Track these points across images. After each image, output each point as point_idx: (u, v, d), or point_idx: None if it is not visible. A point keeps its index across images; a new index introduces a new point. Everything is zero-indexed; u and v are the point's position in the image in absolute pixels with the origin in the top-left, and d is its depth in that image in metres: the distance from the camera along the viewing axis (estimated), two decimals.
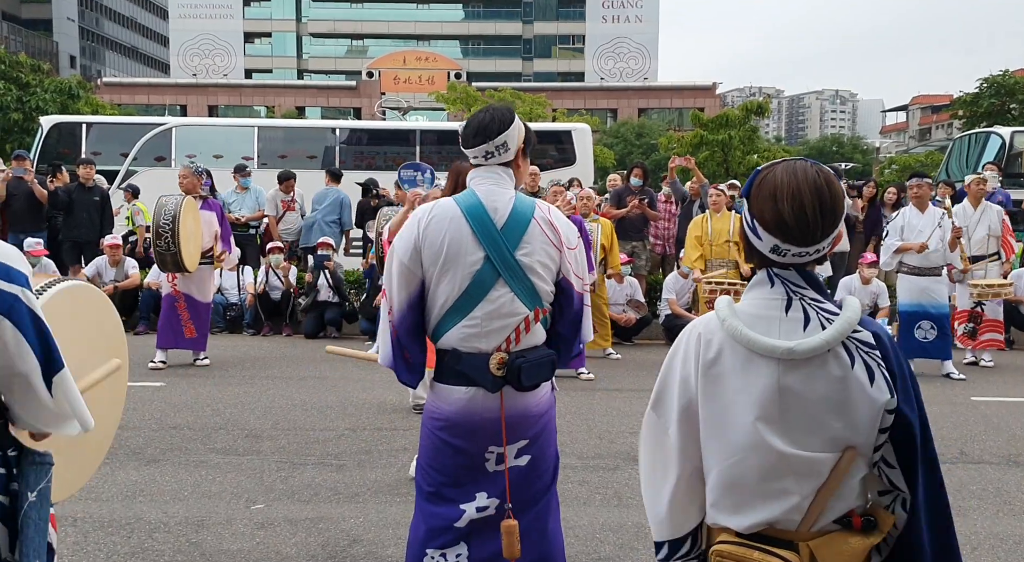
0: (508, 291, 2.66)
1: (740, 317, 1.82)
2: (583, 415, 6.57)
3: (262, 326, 10.36)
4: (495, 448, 2.73)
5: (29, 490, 1.91)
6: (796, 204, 1.76)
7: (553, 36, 67.44)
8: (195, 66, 62.03)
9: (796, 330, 1.78)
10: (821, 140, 72.89)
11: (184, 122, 17.79)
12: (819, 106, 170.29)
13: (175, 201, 7.82)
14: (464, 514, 2.73)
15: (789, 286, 1.82)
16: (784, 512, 1.79)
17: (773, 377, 1.77)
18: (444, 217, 2.68)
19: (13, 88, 28.25)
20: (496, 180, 2.75)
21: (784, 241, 1.79)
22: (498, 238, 2.65)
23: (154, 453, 5.43)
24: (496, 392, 2.67)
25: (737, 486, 1.82)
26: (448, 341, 2.70)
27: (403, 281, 2.70)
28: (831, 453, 1.78)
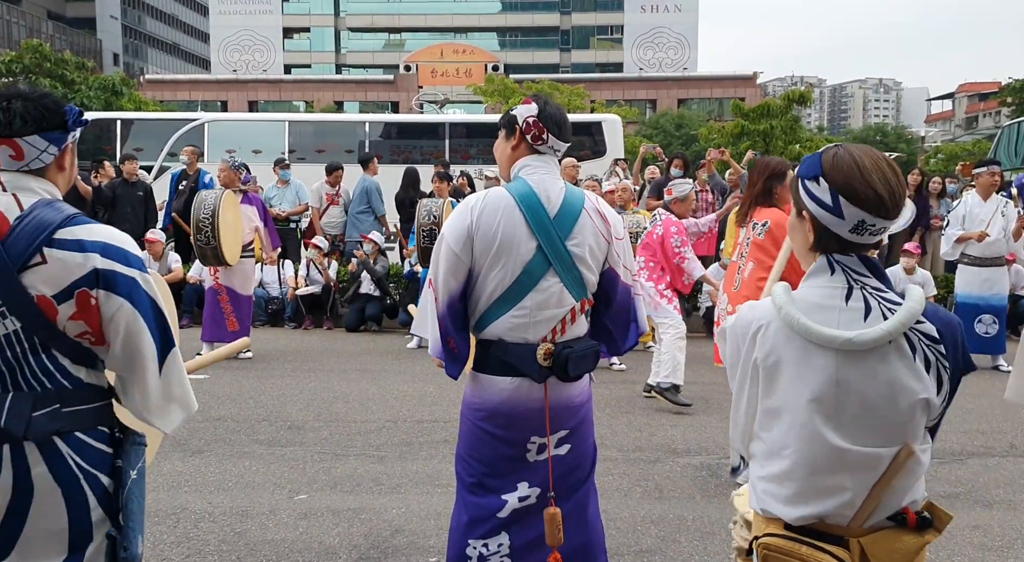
0: (558, 281, 2.65)
1: (798, 305, 1.75)
2: (623, 408, 6.53)
3: (303, 320, 10.46)
4: (537, 438, 2.73)
5: (131, 468, 2.04)
6: (883, 176, 1.73)
7: (591, 27, 67.09)
8: (235, 62, 62.79)
9: (856, 320, 1.72)
10: (865, 129, 71.66)
11: (216, 118, 18.06)
12: (862, 95, 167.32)
13: (214, 195, 7.92)
14: (507, 504, 2.74)
15: (850, 273, 1.76)
16: (836, 507, 1.75)
17: (831, 369, 1.72)
18: (497, 205, 2.65)
19: (58, 85, 28.88)
20: (548, 170, 2.74)
21: (874, 214, 1.73)
22: (551, 228, 2.64)
23: (199, 444, 5.51)
24: (542, 382, 2.66)
25: (791, 477, 1.78)
26: (494, 331, 2.68)
27: (452, 270, 2.67)
28: (888, 448, 1.73)
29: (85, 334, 1.97)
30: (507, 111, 2.82)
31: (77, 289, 1.93)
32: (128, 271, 1.98)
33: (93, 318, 1.96)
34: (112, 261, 1.96)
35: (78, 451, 1.97)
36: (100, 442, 2.01)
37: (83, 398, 2.00)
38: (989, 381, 7.61)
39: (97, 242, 1.96)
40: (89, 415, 2.00)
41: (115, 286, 1.96)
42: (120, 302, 1.96)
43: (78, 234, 1.96)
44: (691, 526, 4.20)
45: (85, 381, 2.01)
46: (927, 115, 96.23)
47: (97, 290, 1.94)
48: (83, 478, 1.98)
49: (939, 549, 3.93)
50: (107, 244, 1.98)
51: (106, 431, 2.03)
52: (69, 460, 1.96)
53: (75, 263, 1.93)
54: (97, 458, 2.00)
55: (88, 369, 2.01)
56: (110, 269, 1.95)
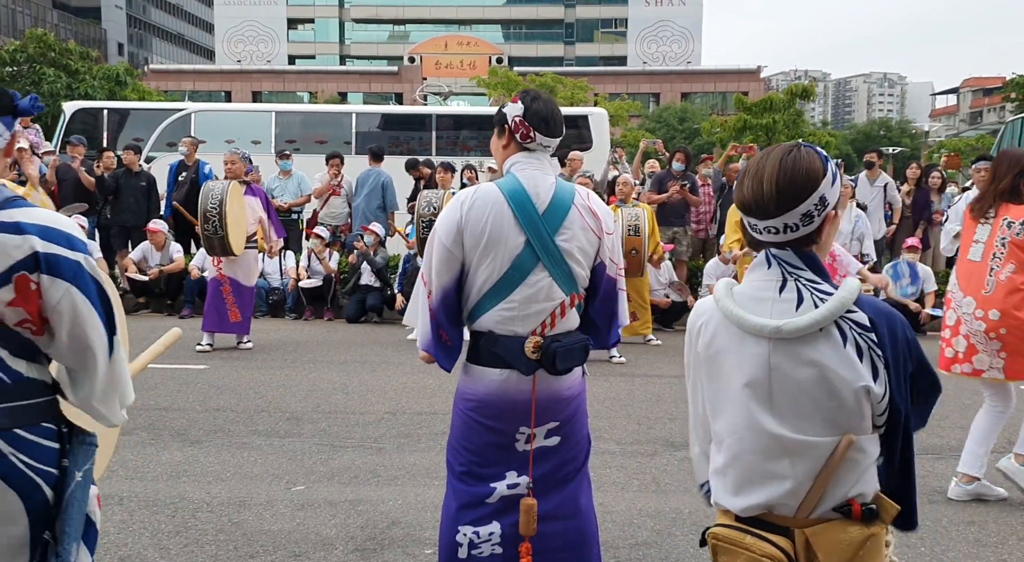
0: (547, 276, 2.68)
1: (735, 298, 1.86)
2: (622, 401, 6.55)
3: (304, 311, 10.48)
4: (525, 429, 2.77)
5: (77, 469, 1.92)
6: (756, 179, 1.83)
7: (595, 20, 66.96)
8: (239, 53, 62.74)
9: (789, 310, 1.79)
10: (868, 124, 71.39)
11: (202, 108, 18.03)
12: (866, 89, 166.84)
13: (221, 186, 7.94)
14: (495, 491, 2.78)
15: (785, 267, 1.84)
16: (780, 496, 1.80)
17: (763, 356, 1.79)
18: (487, 200, 2.69)
19: (63, 75, 28.83)
20: (539, 166, 2.76)
21: (748, 215, 1.85)
22: (539, 223, 2.67)
23: (198, 434, 5.53)
24: (530, 375, 2.70)
25: (735, 466, 1.85)
26: (484, 323, 2.73)
27: (444, 264, 2.71)
28: (828, 437, 1.77)
29: (25, 322, 1.85)
30: (499, 109, 2.84)
31: (15, 273, 1.81)
32: (72, 254, 1.87)
33: (33, 305, 1.84)
34: (54, 244, 1.85)
35: (22, 449, 1.84)
36: (46, 439, 1.88)
37: (24, 393, 1.86)
38: None
39: (36, 225, 1.85)
40: (31, 411, 1.87)
41: (59, 270, 1.84)
42: (65, 287, 1.85)
43: (15, 216, 1.84)
44: (687, 520, 4.21)
45: (25, 375, 1.87)
46: (931, 110, 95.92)
47: (39, 275, 1.83)
48: (34, 475, 1.85)
49: (934, 545, 3.95)
50: (47, 226, 1.86)
51: (52, 428, 1.90)
52: (12, 459, 1.82)
53: (12, 245, 1.81)
54: (44, 455, 1.87)
55: (28, 362, 1.89)
56: (52, 253, 1.84)
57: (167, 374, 6.99)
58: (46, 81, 28.13)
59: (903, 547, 3.81)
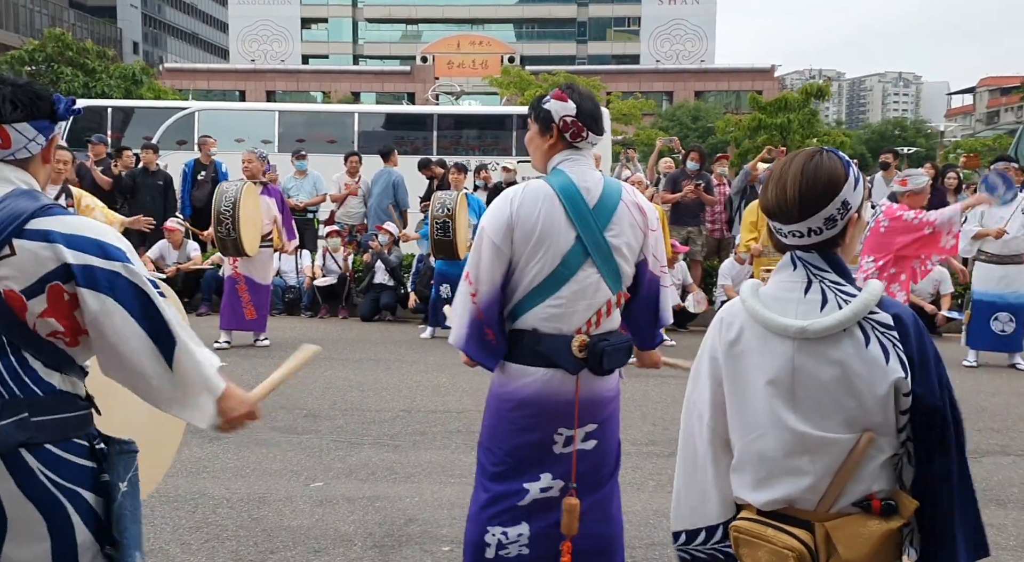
0: (595, 272, 2.67)
1: (761, 299, 1.90)
2: (637, 401, 6.56)
3: (319, 309, 10.54)
4: (565, 430, 2.73)
5: (120, 480, 1.89)
6: (780, 184, 1.88)
7: (608, 18, 66.84)
8: (253, 52, 62.97)
9: (813, 311, 1.84)
10: (883, 124, 71.04)
11: (206, 106, 18.15)
12: (881, 89, 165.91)
13: (235, 187, 7.99)
14: (528, 494, 2.75)
15: (810, 269, 1.88)
16: (801, 491, 1.83)
17: (787, 356, 1.84)
18: (537, 196, 2.67)
19: (80, 74, 29.05)
20: (585, 163, 2.76)
21: (773, 220, 1.90)
22: (590, 219, 2.66)
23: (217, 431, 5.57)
24: (575, 375, 2.67)
25: (757, 462, 1.88)
26: (529, 321, 2.69)
27: (495, 261, 2.68)
28: (848, 434, 1.81)
29: (57, 334, 1.81)
30: (536, 104, 2.79)
31: (48, 283, 1.78)
32: (107, 264, 1.81)
33: (66, 316, 1.81)
34: (85, 254, 1.79)
35: (51, 466, 1.79)
36: (77, 456, 1.84)
37: (55, 407, 1.82)
38: (1005, 379, 7.58)
39: (64, 234, 1.80)
40: (62, 426, 1.83)
41: (95, 282, 1.79)
42: (102, 299, 1.79)
43: (49, 225, 1.80)
44: None
45: (59, 388, 1.83)
46: (947, 109, 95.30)
47: (75, 286, 1.79)
48: (62, 495, 1.81)
49: None
50: (75, 235, 1.80)
51: (84, 444, 1.86)
52: (40, 476, 1.78)
53: (44, 256, 1.78)
54: (75, 473, 1.83)
55: (63, 375, 1.85)
56: (85, 264, 1.79)
57: None
58: (63, 80, 28.36)
59: None
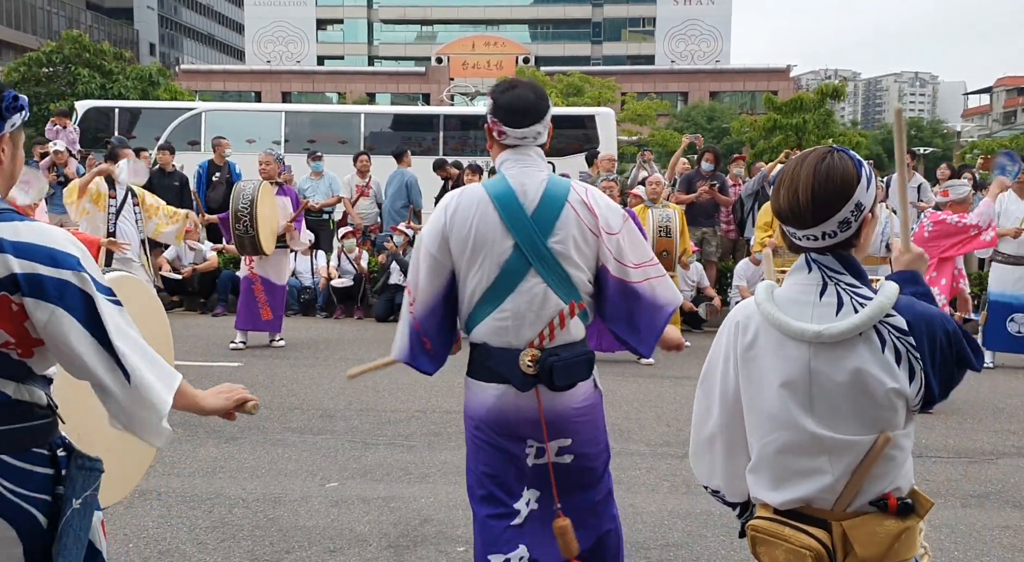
0: (540, 282, 2.47)
1: (776, 301, 1.88)
2: (651, 402, 6.55)
3: (334, 309, 10.58)
4: (534, 442, 2.58)
5: (75, 496, 1.81)
6: (791, 189, 1.84)
7: (623, 19, 66.71)
8: (269, 53, 63.24)
9: (828, 314, 1.82)
10: None
11: (213, 107, 18.26)
12: (897, 89, 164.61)
13: (252, 186, 8.05)
14: (519, 513, 2.62)
15: (825, 271, 1.87)
16: (818, 491, 1.83)
17: (803, 360, 1.83)
18: (471, 202, 2.51)
19: (96, 76, 29.25)
20: (529, 162, 2.56)
21: (786, 224, 1.88)
22: (528, 225, 2.46)
23: (233, 431, 5.61)
24: (527, 391, 2.50)
25: (774, 463, 1.88)
26: (479, 334, 2.56)
27: (432, 272, 2.55)
28: (866, 436, 1.81)
29: (8, 344, 1.74)
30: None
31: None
32: (56, 272, 1.72)
33: (15, 327, 1.73)
34: (33, 262, 1.71)
35: (9, 477, 1.75)
36: (35, 465, 1.78)
37: (11, 417, 1.76)
38: (1022, 380, 7.52)
39: (13, 242, 1.71)
40: (18, 436, 1.76)
41: (42, 291, 1.71)
42: (51, 309, 1.71)
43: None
44: (718, 521, 4.21)
45: (13, 397, 1.77)
46: (964, 109, 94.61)
47: (21, 297, 1.71)
48: (26, 503, 1.76)
49: (967, 549, 3.92)
50: (25, 243, 1.72)
51: (43, 452, 1.80)
52: (0, 488, 1.74)
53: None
54: (35, 482, 1.78)
55: (18, 384, 1.78)
56: (32, 272, 1.70)
57: (202, 371, 7.09)
58: (81, 82, 28.57)
59: (937, 551, 3.80)
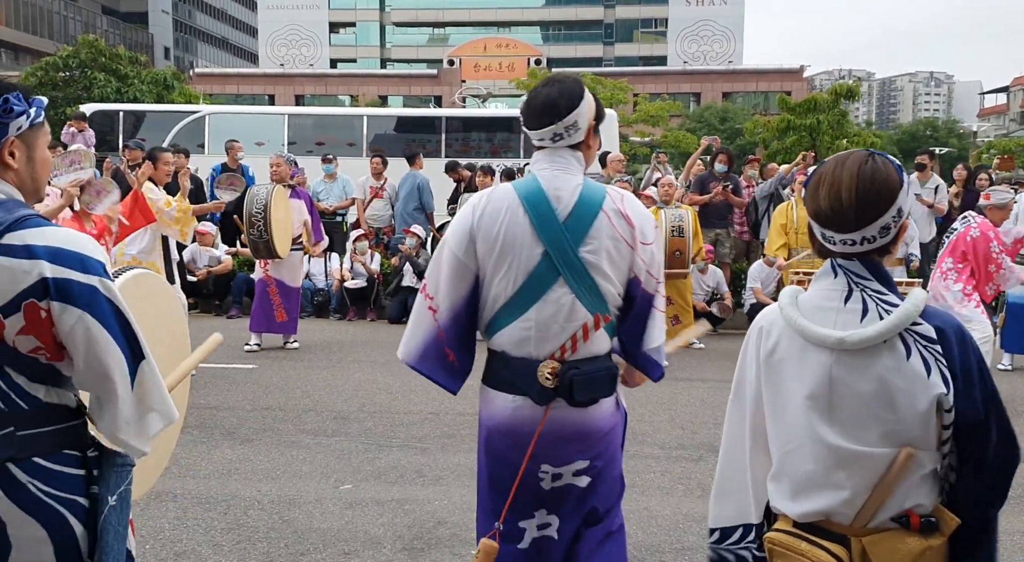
0: (568, 292, 2.33)
1: (800, 307, 1.84)
2: (666, 405, 6.53)
3: (348, 311, 10.61)
4: (549, 467, 2.43)
5: (110, 494, 1.83)
6: (833, 192, 1.78)
7: (635, 20, 66.61)
8: (282, 56, 63.52)
9: (853, 321, 1.77)
10: (914, 124, 70.12)
11: (216, 110, 18.36)
12: (912, 89, 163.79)
13: (266, 190, 8.09)
14: (525, 533, 2.47)
15: (851, 277, 1.82)
16: (838, 504, 1.78)
17: (825, 367, 1.78)
18: (501, 204, 2.37)
19: (112, 80, 29.43)
20: (562, 165, 2.41)
21: (825, 228, 1.81)
22: (560, 232, 2.33)
23: (248, 433, 5.63)
24: (544, 405, 2.36)
25: (793, 473, 1.83)
26: (499, 342, 2.43)
27: (456, 276, 2.41)
28: (886, 449, 1.75)
29: (38, 350, 1.76)
30: None
31: (24, 301, 1.71)
32: (85, 278, 1.74)
33: (45, 333, 1.74)
34: (65, 268, 1.73)
35: (41, 479, 1.76)
36: (68, 466, 1.81)
37: (43, 420, 1.78)
38: None
39: (47, 247, 1.72)
40: (50, 438, 1.79)
41: (70, 296, 1.73)
42: (78, 314, 1.73)
43: (27, 238, 1.72)
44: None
45: (44, 400, 1.79)
46: (980, 109, 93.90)
47: (49, 301, 1.72)
48: (58, 504, 1.78)
49: None
50: (59, 249, 1.73)
51: (75, 454, 1.83)
52: (31, 488, 1.75)
53: (21, 271, 1.70)
54: (68, 483, 1.80)
55: (49, 387, 1.80)
56: (63, 277, 1.72)
57: (217, 373, 7.12)
58: (97, 86, 28.75)
59: None
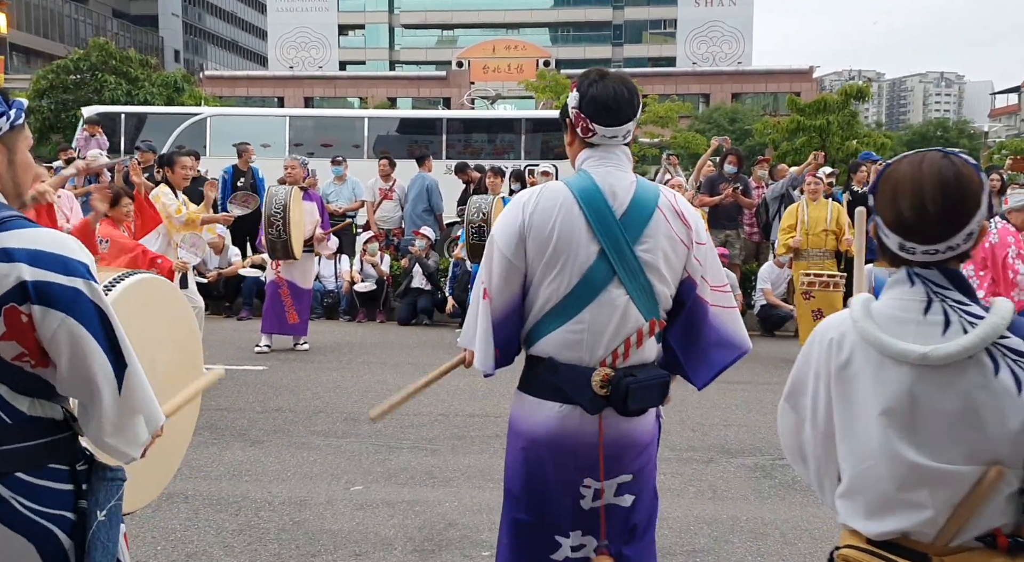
0: (623, 293, 2.24)
1: (874, 318, 1.69)
2: (676, 406, 6.48)
3: (357, 313, 10.63)
4: (592, 482, 2.31)
5: (99, 508, 1.78)
6: (916, 200, 1.65)
7: (644, 21, 66.55)
8: (292, 58, 63.72)
9: (934, 334, 1.64)
10: (925, 125, 69.82)
11: (217, 112, 18.45)
12: (922, 89, 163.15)
13: (284, 191, 8.16)
14: (560, 548, 2.36)
15: (930, 286, 1.68)
16: (917, 524, 1.66)
17: (905, 383, 1.65)
18: (553, 201, 2.27)
19: (123, 82, 29.57)
20: (615, 162, 2.33)
21: (907, 239, 1.68)
22: (616, 229, 2.24)
23: (258, 435, 5.65)
24: (595, 414, 2.26)
25: (869, 492, 1.70)
26: (544, 347, 2.30)
27: (506, 276, 2.30)
28: (972, 467, 1.63)
29: (22, 357, 1.70)
30: (565, 101, 2.42)
31: (4, 306, 1.65)
32: (68, 280, 1.69)
33: (28, 338, 1.68)
34: (45, 270, 1.67)
35: (26, 495, 1.70)
36: (55, 481, 1.75)
37: (27, 434, 1.72)
38: None
39: (25, 249, 1.67)
40: (35, 453, 1.72)
41: (52, 299, 1.67)
42: (60, 317, 1.67)
43: (5, 241, 1.67)
44: (744, 527, 4.19)
45: (28, 413, 1.73)
46: (991, 109, 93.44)
47: (30, 305, 1.66)
48: (46, 521, 1.72)
49: None
50: (38, 251, 1.68)
51: (63, 468, 1.77)
52: (15, 504, 1.69)
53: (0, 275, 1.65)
54: (55, 499, 1.74)
55: (32, 399, 1.74)
56: (43, 280, 1.66)
57: (228, 374, 7.13)
58: (107, 88, 28.89)
59: None
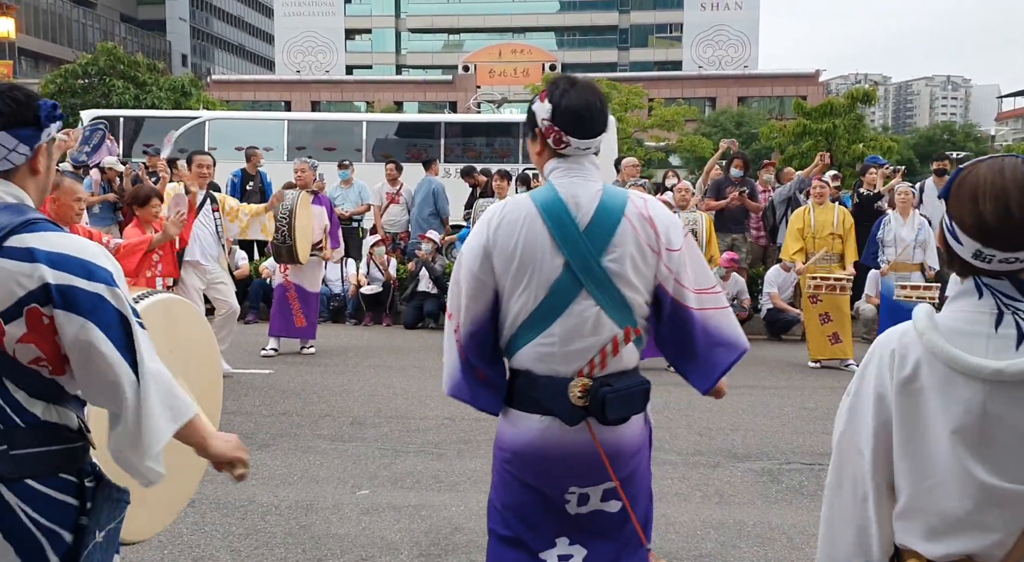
0: (593, 304, 2.21)
1: (941, 330, 1.62)
2: (682, 411, 6.50)
3: (364, 316, 10.64)
4: (576, 488, 2.29)
5: (98, 529, 1.74)
6: (1000, 205, 1.58)
7: (650, 25, 66.64)
8: (299, 63, 63.97)
9: (1007, 348, 1.58)
10: (931, 128, 69.72)
11: (216, 116, 18.57)
12: (929, 93, 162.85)
13: (292, 195, 8.16)
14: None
15: (1000, 298, 1.62)
16: (985, 546, 1.60)
17: (977, 400, 1.58)
18: (517, 216, 2.24)
19: (131, 87, 29.71)
20: (581, 172, 2.27)
21: (986, 245, 1.60)
22: (580, 241, 2.20)
23: (265, 438, 5.65)
24: (575, 425, 2.23)
25: (932, 511, 1.64)
26: (522, 360, 2.28)
27: (473, 293, 2.29)
28: None
29: (40, 361, 1.70)
30: (529, 106, 2.35)
31: (26, 306, 1.65)
32: (91, 286, 1.68)
33: (47, 342, 1.69)
34: (69, 274, 1.67)
35: (30, 502, 1.67)
36: (61, 492, 1.71)
37: (38, 439, 1.70)
38: None
39: (48, 252, 1.67)
40: (45, 460, 1.70)
41: (74, 303, 1.67)
42: (81, 322, 1.67)
43: (29, 242, 1.67)
44: (751, 532, 4.18)
45: (43, 418, 1.71)
46: (998, 113, 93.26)
47: (52, 308, 1.66)
48: (40, 535, 1.68)
49: None
50: (61, 254, 1.68)
51: (71, 479, 1.73)
52: (19, 512, 1.66)
53: (22, 274, 1.65)
54: (57, 512, 1.70)
55: (48, 404, 1.73)
56: (67, 284, 1.66)
57: (234, 378, 7.15)
58: (115, 93, 29.03)
59: None
